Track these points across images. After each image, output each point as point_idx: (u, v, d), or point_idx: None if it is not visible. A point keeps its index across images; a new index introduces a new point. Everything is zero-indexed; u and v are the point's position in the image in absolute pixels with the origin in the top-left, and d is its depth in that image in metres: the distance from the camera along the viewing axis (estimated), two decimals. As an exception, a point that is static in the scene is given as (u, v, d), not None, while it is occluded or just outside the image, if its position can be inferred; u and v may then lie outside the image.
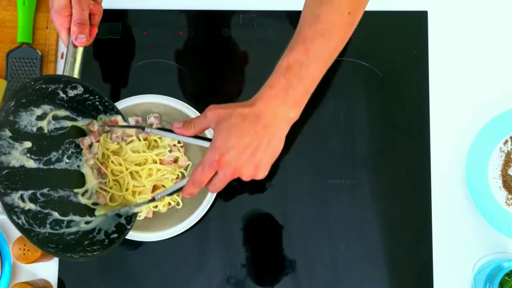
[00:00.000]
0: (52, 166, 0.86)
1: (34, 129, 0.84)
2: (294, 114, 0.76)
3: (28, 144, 0.82)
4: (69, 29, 0.86)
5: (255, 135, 0.74)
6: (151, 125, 0.97)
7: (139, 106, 0.99)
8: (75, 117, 0.89)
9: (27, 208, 0.80)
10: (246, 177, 0.78)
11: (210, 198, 0.97)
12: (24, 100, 0.81)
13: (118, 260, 1.00)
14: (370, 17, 1.04)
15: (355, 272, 0.99)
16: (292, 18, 1.04)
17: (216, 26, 1.04)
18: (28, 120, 0.83)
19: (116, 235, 0.86)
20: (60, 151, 0.87)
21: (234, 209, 1.00)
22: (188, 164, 0.99)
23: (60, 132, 0.87)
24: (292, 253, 0.99)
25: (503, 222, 0.99)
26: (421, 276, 0.99)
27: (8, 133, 0.80)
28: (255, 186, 1.01)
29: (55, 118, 0.87)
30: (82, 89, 0.87)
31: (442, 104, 1.02)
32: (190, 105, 0.99)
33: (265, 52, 1.04)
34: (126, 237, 0.97)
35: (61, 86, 0.85)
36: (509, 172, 1.01)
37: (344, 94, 1.03)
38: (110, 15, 1.05)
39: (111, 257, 1.00)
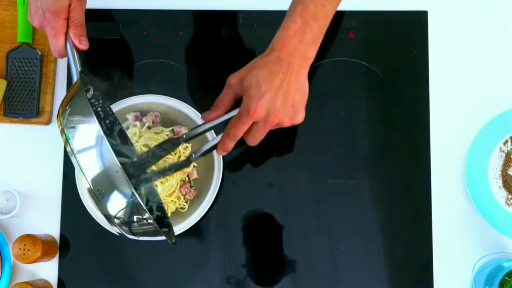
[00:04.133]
0: None
1: None
2: (312, 53, 0.78)
3: None
4: (65, 34, 0.82)
5: (283, 75, 0.76)
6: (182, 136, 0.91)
7: (139, 106, 0.99)
8: None
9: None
10: (286, 122, 0.79)
11: (210, 198, 0.97)
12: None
13: (118, 260, 1.00)
14: (370, 17, 1.04)
15: (355, 272, 0.99)
16: (292, 18, 1.04)
17: (216, 26, 1.04)
18: None
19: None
20: None
21: (234, 209, 1.00)
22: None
23: None
24: (292, 253, 0.99)
25: (503, 222, 0.99)
26: (421, 276, 0.99)
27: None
28: (255, 187, 1.01)
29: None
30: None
31: (442, 104, 1.02)
32: (190, 105, 0.99)
33: (265, 52, 1.04)
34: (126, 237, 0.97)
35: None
36: (509, 172, 1.01)
37: (344, 94, 1.03)
38: (110, 15, 1.05)
39: (111, 257, 1.00)
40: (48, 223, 1.00)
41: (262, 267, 1.00)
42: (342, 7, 1.02)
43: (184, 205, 0.99)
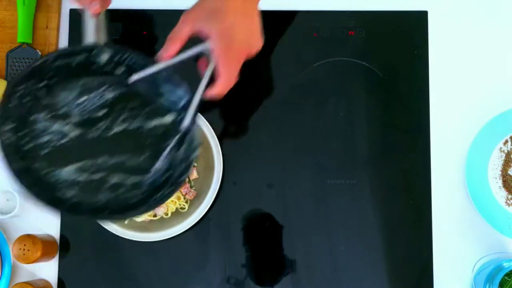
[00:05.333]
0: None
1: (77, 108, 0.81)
2: None
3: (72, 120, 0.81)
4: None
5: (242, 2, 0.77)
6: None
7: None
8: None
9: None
10: (255, 46, 0.81)
11: (210, 198, 0.97)
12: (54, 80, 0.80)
13: (118, 260, 1.00)
14: (370, 17, 1.04)
15: (355, 272, 0.99)
16: (292, 18, 1.04)
17: (216, 26, 1.04)
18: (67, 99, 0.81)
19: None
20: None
21: (234, 209, 1.00)
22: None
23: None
24: (292, 253, 1.00)
25: (503, 222, 0.99)
26: (421, 276, 0.99)
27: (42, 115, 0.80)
28: (255, 187, 1.01)
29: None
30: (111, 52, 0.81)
31: (442, 104, 1.02)
32: (190, 105, 0.99)
33: (265, 52, 1.04)
34: (126, 237, 0.97)
35: (85, 55, 0.80)
36: (509, 172, 1.01)
37: (344, 94, 1.03)
38: (110, 15, 1.05)
39: (111, 257, 1.00)
40: (48, 223, 1.00)
41: (262, 267, 1.00)
42: (342, 7, 1.03)
43: (184, 205, 0.99)
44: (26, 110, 0.80)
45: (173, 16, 1.05)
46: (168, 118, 0.82)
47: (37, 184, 0.79)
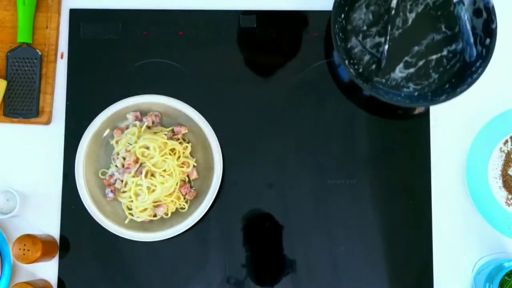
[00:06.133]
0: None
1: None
2: None
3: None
4: None
5: None
6: None
7: (139, 106, 0.99)
8: None
9: None
10: None
11: (210, 198, 0.97)
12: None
13: (118, 260, 1.00)
14: (370, 17, 1.04)
15: (355, 272, 0.99)
16: (292, 18, 1.04)
17: (216, 26, 1.04)
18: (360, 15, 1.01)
19: None
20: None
21: (234, 209, 1.00)
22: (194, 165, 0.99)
23: None
24: (292, 253, 1.00)
25: (503, 222, 0.99)
26: (421, 276, 0.99)
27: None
28: (255, 187, 1.01)
29: None
30: None
31: (442, 104, 1.02)
32: (190, 105, 0.99)
33: (265, 52, 1.04)
34: (126, 237, 0.97)
35: None
36: (509, 172, 1.01)
37: (344, 94, 1.03)
38: (110, 15, 1.05)
39: (111, 257, 1.00)
40: (48, 223, 1.00)
41: (262, 267, 1.00)
42: (342, 7, 1.02)
43: (184, 205, 0.99)
44: (343, 42, 0.99)
45: (173, 16, 1.05)
46: None
47: (388, 92, 0.98)
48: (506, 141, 1.01)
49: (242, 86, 1.03)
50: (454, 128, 1.02)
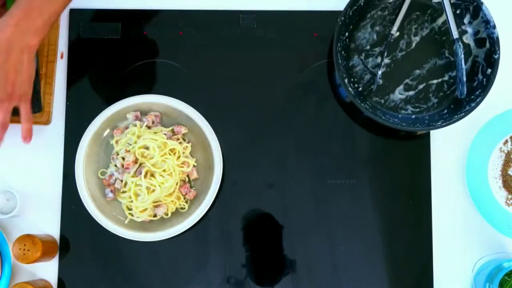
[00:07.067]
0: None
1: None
2: (33, 42, 0.87)
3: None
4: None
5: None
6: None
7: (139, 106, 0.99)
8: None
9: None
10: (4, 97, 0.88)
11: (210, 198, 0.97)
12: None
13: (118, 260, 1.00)
14: (370, 17, 1.04)
15: (355, 272, 0.99)
16: (292, 18, 1.04)
17: (216, 26, 1.04)
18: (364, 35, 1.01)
19: None
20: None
21: (234, 209, 1.00)
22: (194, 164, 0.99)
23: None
24: (292, 253, 1.00)
25: (503, 222, 0.99)
26: (421, 276, 0.99)
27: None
28: (255, 187, 1.01)
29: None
30: None
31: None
32: (190, 105, 0.99)
33: (265, 52, 1.04)
34: (126, 237, 0.97)
35: None
36: (509, 172, 1.01)
37: (344, 94, 1.03)
38: (110, 15, 1.05)
39: (111, 257, 1.00)
40: (48, 223, 1.00)
41: (262, 267, 1.00)
42: (342, 7, 1.02)
43: (184, 205, 0.99)
44: (345, 60, 0.99)
45: (173, 16, 1.05)
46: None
47: (385, 113, 0.99)
48: (506, 141, 1.01)
49: (242, 86, 1.03)
50: (454, 128, 1.02)
